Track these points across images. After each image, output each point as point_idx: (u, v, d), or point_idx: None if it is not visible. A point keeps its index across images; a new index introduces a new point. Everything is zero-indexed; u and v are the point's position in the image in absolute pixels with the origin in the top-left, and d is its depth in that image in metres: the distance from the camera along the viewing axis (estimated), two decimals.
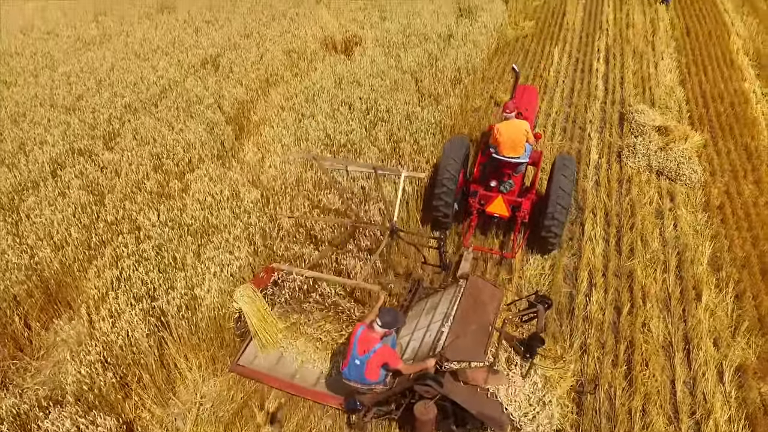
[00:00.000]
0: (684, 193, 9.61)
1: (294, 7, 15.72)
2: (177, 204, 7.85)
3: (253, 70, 11.61)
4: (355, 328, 5.33)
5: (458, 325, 5.56)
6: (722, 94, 12.75)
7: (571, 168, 7.73)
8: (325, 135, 9.26)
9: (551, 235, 7.72)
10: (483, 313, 5.81)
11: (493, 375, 5.31)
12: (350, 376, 5.32)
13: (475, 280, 6.33)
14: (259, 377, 6.27)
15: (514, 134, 7.75)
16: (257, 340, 6.49)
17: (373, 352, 5.11)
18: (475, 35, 13.30)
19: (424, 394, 5.15)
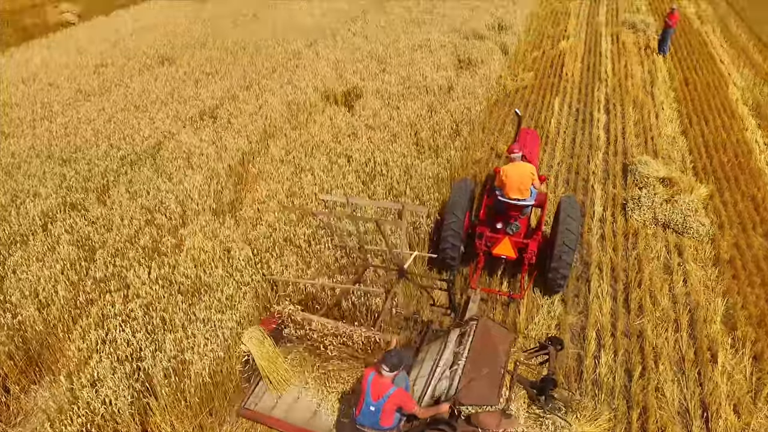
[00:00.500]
0: (692, 247, 9.34)
1: (294, 59, 15.84)
2: (169, 260, 7.57)
3: (251, 122, 11.54)
4: (366, 374, 5.22)
5: (471, 367, 5.57)
6: (725, 144, 12.65)
7: (576, 208, 7.82)
8: (320, 189, 9.06)
9: (559, 276, 7.70)
10: (494, 355, 5.78)
11: (506, 419, 5.16)
12: (365, 422, 5.20)
13: (485, 321, 6.31)
14: (268, 421, 6.13)
15: (521, 177, 7.79)
16: (266, 382, 6.36)
17: (387, 397, 5.02)
18: (474, 87, 13.28)
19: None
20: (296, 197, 9.02)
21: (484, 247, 8.15)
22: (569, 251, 7.52)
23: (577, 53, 18.49)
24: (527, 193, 7.90)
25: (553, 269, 7.68)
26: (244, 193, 9.33)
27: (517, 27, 18.75)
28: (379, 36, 17.54)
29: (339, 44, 16.89)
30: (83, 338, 6.44)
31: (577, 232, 7.61)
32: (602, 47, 19.09)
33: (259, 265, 7.65)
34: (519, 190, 7.86)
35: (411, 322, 7.34)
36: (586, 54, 18.53)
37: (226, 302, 6.89)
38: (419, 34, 17.69)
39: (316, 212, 7.89)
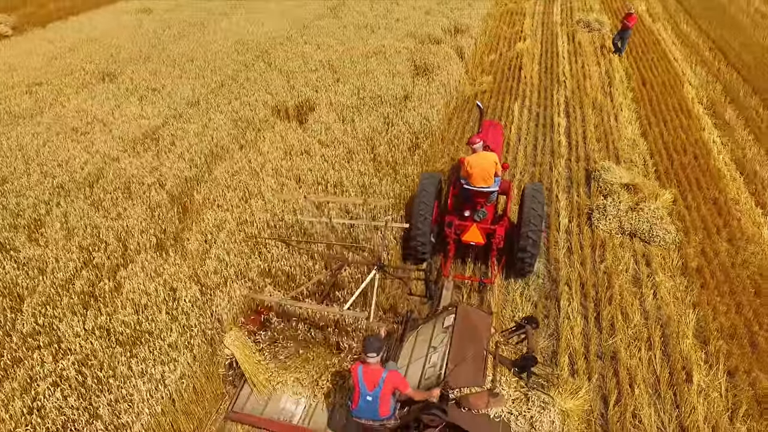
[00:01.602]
0: (660, 256, 9.13)
1: (244, 71, 15.10)
2: (107, 308, 6.88)
3: (197, 142, 10.82)
4: (353, 369, 5.32)
5: (455, 352, 5.82)
6: (684, 146, 12.55)
7: (541, 191, 8.21)
8: (272, 216, 8.48)
9: (527, 255, 7.96)
10: (476, 338, 6.04)
11: (493, 398, 5.44)
12: (363, 414, 5.30)
13: (464, 307, 6.55)
14: (257, 422, 6.26)
15: (484, 165, 8.09)
16: (251, 385, 6.45)
17: (382, 382, 5.16)
18: (432, 94, 12.86)
19: (429, 424, 5.27)
20: (248, 225, 8.41)
21: (454, 235, 8.37)
22: (537, 231, 7.81)
23: (535, 54, 18.32)
24: (491, 180, 8.20)
25: (521, 249, 7.94)
26: (190, 223, 8.66)
27: (473, 29, 18.42)
28: (332, 44, 16.95)
29: (291, 53, 16.22)
30: (6, 408, 5.71)
31: (542, 214, 7.92)
32: (559, 48, 18.97)
33: (208, 304, 7.05)
34: (483, 179, 8.16)
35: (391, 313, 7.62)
36: (543, 55, 18.36)
37: (168, 350, 6.28)
38: (374, 40, 17.18)
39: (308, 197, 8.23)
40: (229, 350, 6.41)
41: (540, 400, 5.53)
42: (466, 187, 8.30)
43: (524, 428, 5.35)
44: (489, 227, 8.40)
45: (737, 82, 16.29)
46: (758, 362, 7.25)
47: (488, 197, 8.54)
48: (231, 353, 6.42)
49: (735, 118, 14.08)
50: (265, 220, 8.43)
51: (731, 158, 12.22)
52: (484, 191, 8.29)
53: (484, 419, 5.38)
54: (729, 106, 14.77)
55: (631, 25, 17.55)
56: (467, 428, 5.25)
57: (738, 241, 9.46)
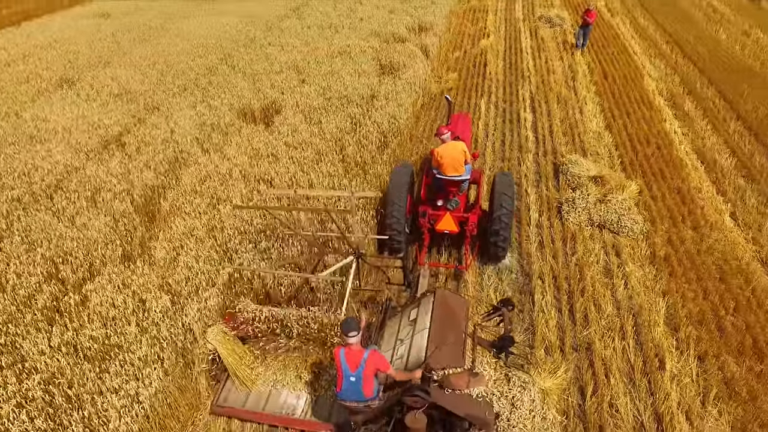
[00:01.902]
0: (629, 246, 9.28)
1: (208, 74, 14.85)
2: (73, 323, 6.65)
3: (162, 149, 10.58)
4: (336, 353, 5.37)
5: (435, 335, 5.96)
6: (648, 137, 12.82)
7: (511, 179, 8.49)
8: (241, 221, 8.33)
9: (500, 239, 8.23)
10: (454, 321, 6.23)
11: (474, 378, 5.57)
12: (347, 396, 5.38)
13: (442, 292, 6.70)
14: (243, 415, 6.31)
15: (453, 155, 8.28)
16: (235, 379, 6.46)
17: (364, 362, 5.23)
18: (398, 93, 12.84)
19: (412, 405, 5.27)
20: (217, 232, 8.25)
21: (428, 224, 8.60)
22: (509, 214, 8.09)
23: (499, 51, 18.48)
24: (462, 169, 8.38)
25: (494, 233, 8.19)
26: (157, 232, 8.44)
27: (437, 27, 18.50)
28: (296, 44, 16.80)
29: (254, 55, 16.01)
30: None
31: (513, 198, 8.20)
32: (522, 44, 19.18)
33: (179, 314, 6.88)
34: (454, 167, 8.32)
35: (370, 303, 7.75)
36: (507, 51, 18.53)
37: (140, 364, 6.11)
38: (338, 40, 17.09)
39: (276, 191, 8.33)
40: (212, 345, 6.37)
41: (520, 380, 5.65)
42: (438, 177, 8.46)
43: (506, 407, 5.45)
44: (462, 215, 8.63)
45: (694, 74, 16.74)
46: (726, 346, 7.43)
47: (459, 186, 8.68)
48: (213, 348, 6.39)
49: (694, 109, 14.45)
50: (235, 226, 8.28)
51: (692, 148, 12.53)
52: (456, 180, 8.45)
53: (466, 398, 5.46)
54: (687, 97, 15.16)
55: (591, 21, 17.77)
56: (450, 408, 5.32)
57: (702, 229, 9.69)
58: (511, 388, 5.60)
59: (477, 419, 5.36)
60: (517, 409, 5.48)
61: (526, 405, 5.51)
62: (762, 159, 12.04)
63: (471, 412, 5.36)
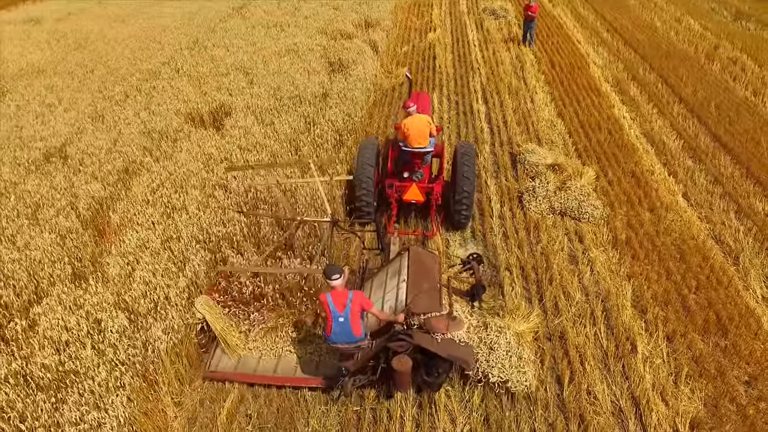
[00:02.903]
0: (591, 232, 9.38)
1: (151, 80, 14.20)
2: (22, 351, 6.15)
3: (108, 159, 10.02)
4: (322, 298, 5.69)
5: (413, 285, 6.41)
6: (599, 123, 13.05)
7: (471, 149, 9.06)
8: (199, 229, 7.95)
9: (464, 207, 8.75)
10: (429, 274, 6.72)
11: (452, 321, 6.09)
12: (338, 338, 5.70)
13: (415, 249, 7.20)
14: (234, 377, 6.47)
15: (419, 126, 8.68)
16: (224, 344, 6.65)
17: (350, 302, 5.57)
18: (351, 90, 12.61)
19: (397, 350, 5.74)
20: (174, 241, 7.83)
21: (396, 195, 8.98)
22: (471, 184, 8.61)
23: (446, 44, 18.50)
24: (427, 141, 8.80)
25: (457, 201, 8.70)
26: (109, 246, 7.95)
27: (384, 22, 18.35)
28: (241, 45, 16.31)
29: (199, 58, 15.44)
30: None
31: (473, 168, 8.71)
32: (469, 36, 19.27)
33: (139, 333, 6.47)
34: (420, 139, 8.72)
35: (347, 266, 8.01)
36: (455, 44, 18.57)
37: (100, 391, 5.69)
38: (284, 38, 16.71)
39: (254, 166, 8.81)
40: (201, 314, 6.59)
41: (497, 326, 6.31)
42: (405, 149, 8.83)
43: (484, 350, 6.06)
44: (427, 186, 9.04)
45: (636, 61, 17.22)
46: (692, 324, 7.57)
47: (424, 158, 9.07)
48: (202, 316, 6.61)
49: (639, 94, 14.83)
50: (192, 235, 7.88)
51: (641, 132, 12.83)
52: (421, 151, 8.83)
53: (447, 341, 5.98)
54: (632, 83, 15.56)
55: (534, 15, 17.65)
56: (433, 349, 5.78)
57: (658, 210, 9.90)
58: (488, 333, 6.25)
59: (458, 359, 5.91)
60: (495, 351, 6.12)
61: (503, 347, 6.16)
62: (706, 139, 12.44)
63: (453, 353, 5.88)
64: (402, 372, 5.76)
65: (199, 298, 6.66)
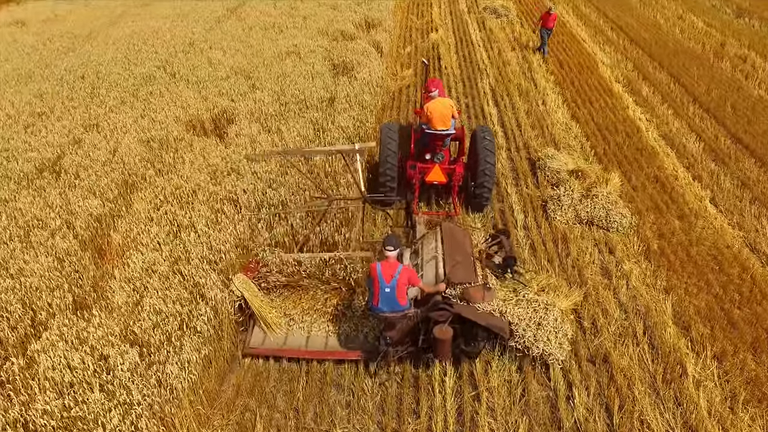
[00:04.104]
0: (621, 242, 8.91)
1: (146, 85, 13.50)
2: (20, 396, 5.50)
3: (106, 172, 9.34)
4: (372, 267, 6.02)
5: (448, 257, 6.85)
6: (615, 125, 12.60)
7: (490, 132, 9.27)
8: (209, 249, 7.34)
9: (485, 190, 9.00)
10: (462, 247, 7.14)
11: (487, 292, 6.44)
12: (384, 307, 5.98)
13: (447, 224, 7.67)
14: (274, 353, 6.66)
15: (443, 109, 8.90)
16: (261, 321, 6.85)
17: (398, 274, 5.88)
18: (358, 94, 12.02)
19: (438, 319, 6.09)
20: (182, 263, 7.21)
21: (419, 176, 9.20)
22: (491, 168, 8.84)
23: (450, 44, 17.97)
24: (449, 123, 8.99)
25: (479, 185, 8.95)
26: (111, 270, 7.31)
27: (386, 22, 17.76)
28: (239, 47, 15.66)
29: (196, 61, 14.77)
30: None
31: (494, 153, 8.93)
32: (472, 36, 18.75)
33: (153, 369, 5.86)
34: (443, 122, 8.90)
35: None
36: (458, 44, 18.05)
37: None
38: (284, 40, 16.08)
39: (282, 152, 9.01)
40: (238, 292, 6.72)
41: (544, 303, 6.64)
42: (428, 132, 8.99)
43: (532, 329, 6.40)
44: (449, 167, 9.29)
45: (644, 59, 16.81)
46: (741, 341, 7.11)
47: (444, 141, 9.26)
48: (240, 295, 6.73)
49: (652, 95, 14.40)
50: (202, 255, 7.27)
51: (659, 134, 12.39)
52: (444, 134, 9.01)
53: (483, 310, 6.30)
54: (643, 83, 15.14)
55: (550, 26, 16.36)
56: (473, 318, 6.13)
57: (688, 217, 9.46)
58: (536, 310, 6.54)
59: (496, 327, 6.20)
60: (543, 328, 6.43)
61: (550, 323, 6.50)
62: (726, 141, 12.04)
63: (491, 321, 6.20)
64: (444, 340, 6.01)
65: (237, 276, 6.80)
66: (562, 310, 6.81)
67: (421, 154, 9.45)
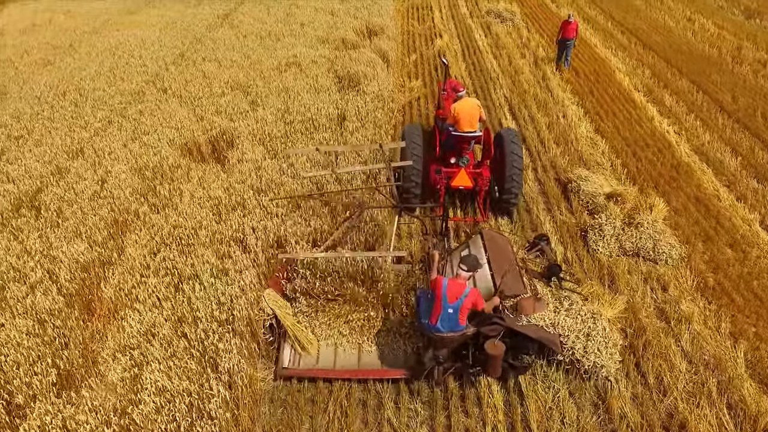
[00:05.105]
0: (673, 277, 8.01)
1: (135, 102, 12.37)
2: None
3: (93, 208, 8.24)
4: (438, 282, 5.64)
5: (495, 268, 6.52)
6: (644, 139, 11.74)
7: (517, 135, 9.07)
8: (217, 306, 6.30)
9: (513, 195, 8.71)
10: (506, 255, 6.82)
11: (538, 303, 6.14)
12: (443, 327, 5.61)
13: (488, 231, 7.36)
14: (311, 374, 6.18)
15: (470, 110, 8.60)
16: (294, 341, 6.34)
17: (465, 296, 5.54)
18: (370, 111, 11.01)
19: (489, 334, 5.79)
20: (188, 325, 6.15)
21: (444, 180, 8.86)
22: (519, 172, 8.55)
23: (456, 51, 17.05)
24: (477, 125, 8.69)
25: (506, 190, 8.63)
26: (103, 331, 6.25)
27: (389, 29, 16.76)
28: (235, 58, 14.58)
29: (189, 75, 13.66)
30: None
31: (521, 156, 8.65)
32: (478, 42, 17.83)
33: None
34: (470, 123, 8.60)
35: None
36: (465, 51, 17.13)
37: None
38: (282, 49, 15.03)
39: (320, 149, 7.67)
40: (269, 309, 6.28)
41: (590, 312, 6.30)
42: (454, 134, 8.67)
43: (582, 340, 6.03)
44: (475, 171, 8.95)
45: (661, 65, 16.02)
46: None
47: (470, 143, 8.94)
48: (271, 312, 6.30)
49: (675, 104, 13.59)
50: (210, 312, 6.23)
51: (691, 148, 11.55)
52: (470, 136, 8.68)
53: (533, 323, 6.03)
54: (664, 91, 14.33)
55: (570, 37, 14.75)
56: (525, 332, 5.85)
57: (740, 245, 8.63)
58: (585, 321, 6.19)
59: (548, 340, 5.93)
60: (592, 338, 6.08)
61: (600, 334, 6.15)
62: (765, 155, 11.21)
63: (542, 335, 5.93)
64: (496, 356, 5.75)
65: (267, 292, 6.37)
66: (609, 319, 6.50)
67: (445, 157, 9.10)
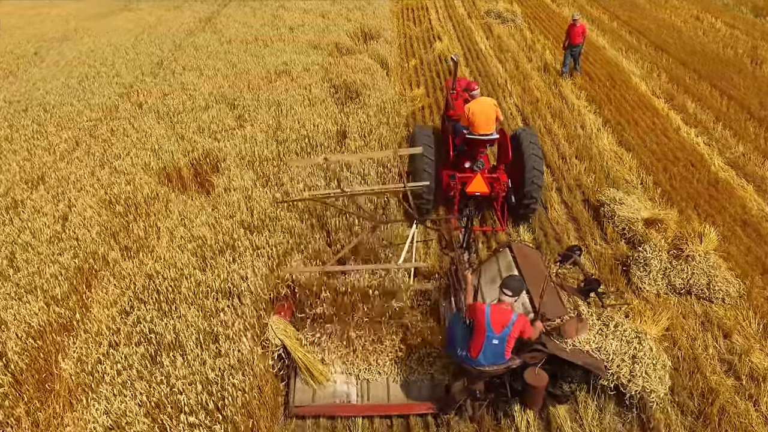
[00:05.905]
0: (732, 320, 6.92)
1: (107, 120, 10.98)
2: None
3: (53, 255, 6.90)
4: (479, 308, 4.99)
5: (532, 286, 5.73)
6: (673, 152, 10.66)
7: (536, 136, 8.61)
8: (205, 382, 5.05)
9: (533, 201, 8.22)
10: (538, 271, 6.09)
11: (581, 324, 5.39)
12: (486, 360, 4.94)
13: (517, 244, 6.62)
14: (326, 410, 5.63)
15: (486, 110, 7.98)
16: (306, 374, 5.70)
17: (512, 324, 4.89)
18: (374, 127, 9.78)
19: (530, 361, 5.21)
20: (166, 414, 4.89)
21: (458, 186, 8.31)
22: (539, 175, 8.05)
23: (458, 55, 15.84)
24: (493, 126, 8.10)
25: (526, 195, 8.13)
26: (58, 419, 4.97)
27: (386, 33, 15.54)
28: (219, 67, 13.27)
29: (167, 86, 12.32)
30: None
31: (542, 159, 8.22)
32: (480, 45, 16.71)
33: None
34: (487, 125, 8.01)
35: None
36: (467, 55, 16.00)
37: None
38: (271, 56, 13.74)
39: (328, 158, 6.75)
40: (278, 339, 5.68)
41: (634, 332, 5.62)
42: (469, 137, 8.13)
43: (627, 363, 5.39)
44: (491, 176, 8.38)
45: (677, 68, 15.04)
46: None
47: (486, 146, 8.45)
48: (279, 343, 5.70)
49: (700, 111, 12.57)
50: (196, 395, 4.98)
51: (725, 161, 10.50)
52: (486, 139, 8.14)
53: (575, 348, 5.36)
54: (685, 96, 13.30)
55: (578, 41, 13.65)
56: (568, 358, 5.25)
57: None
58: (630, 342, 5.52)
59: (593, 366, 5.34)
60: (640, 361, 5.42)
61: (647, 356, 5.47)
62: None
63: (586, 360, 5.35)
64: (538, 387, 5.22)
65: (275, 319, 5.77)
66: (654, 337, 5.83)
67: (458, 161, 8.56)
